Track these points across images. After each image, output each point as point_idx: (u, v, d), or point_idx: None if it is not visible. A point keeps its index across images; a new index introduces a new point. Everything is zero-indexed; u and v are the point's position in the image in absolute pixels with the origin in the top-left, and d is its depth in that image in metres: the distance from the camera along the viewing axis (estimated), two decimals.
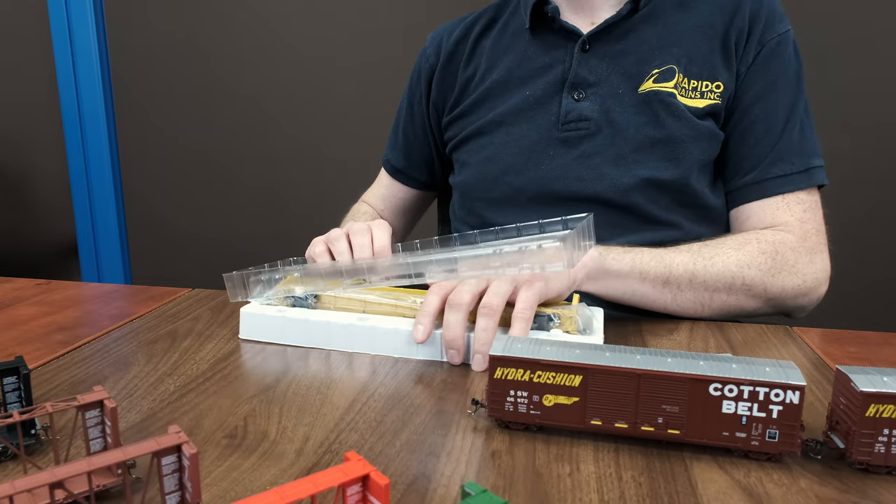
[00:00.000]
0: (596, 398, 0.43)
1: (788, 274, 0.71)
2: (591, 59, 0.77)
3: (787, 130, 0.75)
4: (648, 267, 0.66)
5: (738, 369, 0.41)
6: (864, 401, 0.39)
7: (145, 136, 1.94)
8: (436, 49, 0.88)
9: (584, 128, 0.76)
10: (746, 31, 0.75)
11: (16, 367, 0.41)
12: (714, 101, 0.74)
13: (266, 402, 0.49)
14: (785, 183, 0.74)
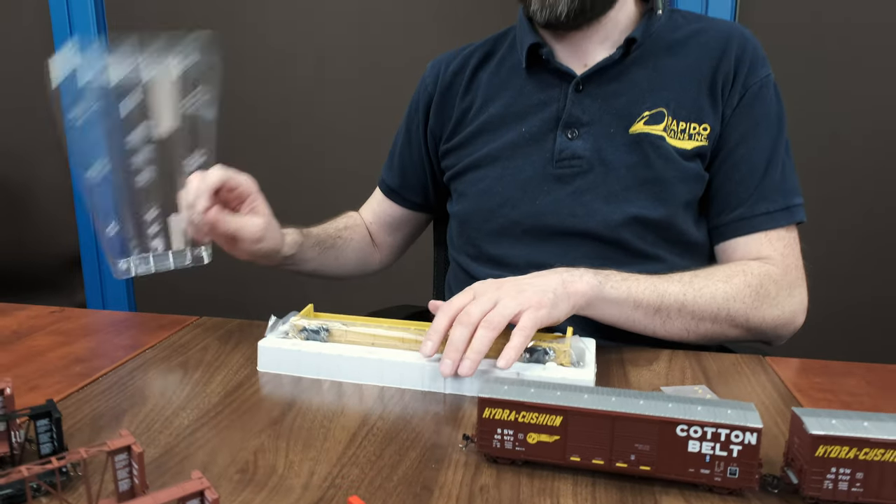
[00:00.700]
0: (575, 437, 0.47)
1: (770, 306, 0.75)
2: (584, 99, 0.81)
3: (769, 170, 0.80)
4: (642, 296, 0.71)
5: (702, 411, 0.46)
6: (813, 442, 0.43)
7: None
8: (434, 79, 0.92)
9: (577, 165, 0.80)
10: (732, 75, 0.79)
11: (48, 410, 0.45)
12: (701, 142, 0.79)
13: (274, 436, 0.53)
14: (768, 220, 0.79)
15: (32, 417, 0.45)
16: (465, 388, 0.60)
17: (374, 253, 1.03)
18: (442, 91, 0.91)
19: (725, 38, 0.80)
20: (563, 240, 0.80)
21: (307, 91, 1.83)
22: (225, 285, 2.00)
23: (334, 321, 0.68)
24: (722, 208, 0.81)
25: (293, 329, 0.67)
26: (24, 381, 0.63)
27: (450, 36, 1.67)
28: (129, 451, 0.41)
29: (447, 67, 0.91)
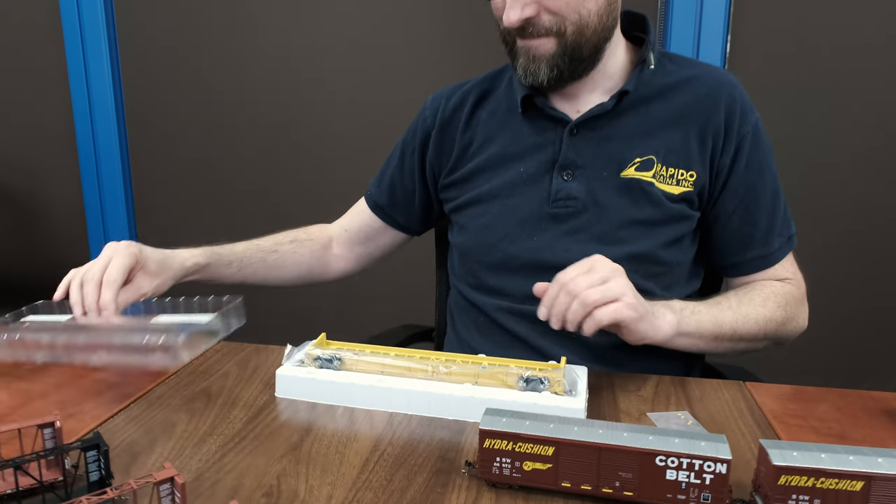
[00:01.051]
0: (565, 465, 0.53)
1: (793, 322, 0.88)
2: (578, 143, 0.86)
3: (776, 208, 0.88)
4: (706, 328, 0.79)
5: (679, 443, 0.51)
6: (776, 472, 0.48)
7: (158, 164, 2.03)
8: (434, 112, 0.97)
9: (572, 206, 0.86)
10: (724, 127, 0.84)
11: (96, 443, 0.51)
12: (687, 188, 0.85)
13: (294, 461, 0.59)
14: (780, 254, 0.89)
15: (83, 449, 0.50)
16: (467, 414, 0.66)
17: (329, 264, 1.07)
18: (442, 126, 0.96)
19: (715, 87, 0.86)
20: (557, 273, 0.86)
21: (309, 108, 1.88)
22: None
23: (346, 350, 0.74)
24: (740, 248, 0.89)
25: (308, 358, 0.73)
26: (61, 407, 0.69)
27: (451, 57, 1.73)
28: (172, 481, 0.47)
29: (447, 102, 0.96)
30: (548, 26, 0.79)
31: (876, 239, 1.66)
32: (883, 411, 0.69)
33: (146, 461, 0.59)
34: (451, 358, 0.72)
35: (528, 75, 0.83)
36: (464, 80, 0.99)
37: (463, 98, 0.96)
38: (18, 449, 0.55)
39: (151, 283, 0.84)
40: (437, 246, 1.16)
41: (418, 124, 1.00)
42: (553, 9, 0.78)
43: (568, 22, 0.79)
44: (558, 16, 0.79)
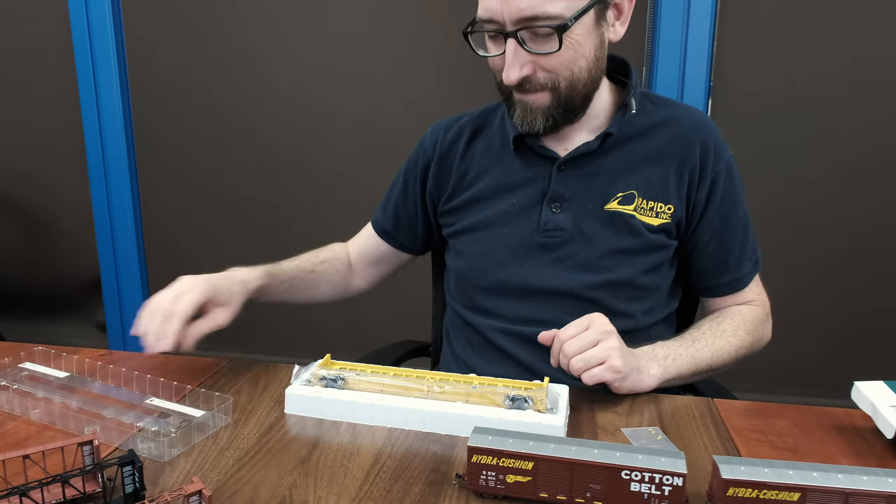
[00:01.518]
0: (543, 478, 0.60)
1: (759, 343, 0.98)
2: (566, 178, 0.94)
3: (746, 237, 0.97)
4: (685, 370, 0.88)
5: (642, 459, 0.58)
6: (725, 485, 0.56)
7: (165, 175, 2.10)
8: (433, 144, 1.05)
9: (560, 236, 0.93)
10: (699, 165, 0.92)
11: (132, 459, 0.58)
12: (666, 220, 0.92)
13: (304, 473, 0.66)
14: (749, 277, 0.98)
15: (121, 465, 0.57)
16: (458, 430, 0.73)
17: (352, 282, 1.15)
18: (440, 157, 1.03)
19: (691, 128, 0.94)
20: (546, 298, 0.93)
21: (316, 120, 1.96)
22: None
23: (349, 370, 0.81)
24: (714, 273, 0.97)
25: (314, 377, 0.80)
26: (91, 425, 0.76)
27: (449, 75, 1.80)
28: (200, 493, 0.54)
29: (445, 135, 1.04)
30: (542, 82, 0.86)
31: (849, 256, 1.74)
32: (834, 426, 0.76)
33: (171, 474, 0.66)
34: (444, 377, 0.79)
35: (525, 125, 0.90)
36: (460, 114, 1.06)
37: (460, 131, 1.03)
38: (61, 464, 0.62)
39: (225, 314, 0.90)
40: (434, 266, 1.23)
41: (419, 155, 1.07)
42: (548, 67, 0.85)
43: (561, 78, 0.86)
44: (552, 73, 0.86)
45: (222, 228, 2.10)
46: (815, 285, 1.76)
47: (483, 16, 0.85)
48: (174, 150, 2.07)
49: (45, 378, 0.86)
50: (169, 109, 2.04)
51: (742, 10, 1.64)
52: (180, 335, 0.82)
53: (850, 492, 0.54)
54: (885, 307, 1.74)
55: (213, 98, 2.00)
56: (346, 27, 1.86)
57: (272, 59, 1.93)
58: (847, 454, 0.70)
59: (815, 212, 1.72)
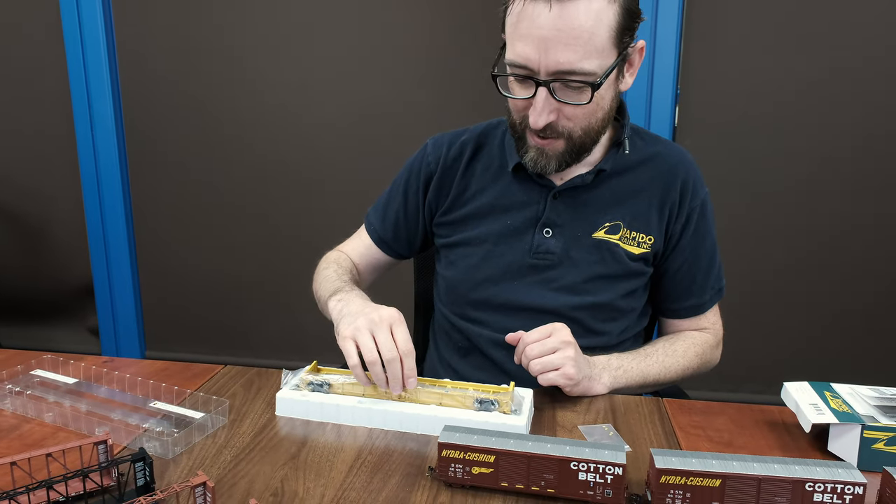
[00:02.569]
0: (504, 469, 0.69)
1: (706, 366, 1.07)
2: (559, 206, 1.02)
3: (711, 268, 1.06)
4: (634, 382, 0.97)
5: (588, 452, 0.67)
6: (658, 473, 0.65)
7: (158, 184, 2.16)
8: (436, 158, 1.09)
9: (549, 259, 1.02)
10: (678, 200, 1.02)
11: (143, 456, 0.66)
12: (645, 250, 1.02)
13: (294, 467, 0.75)
14: (709, 303, 1.08)
15: (133, 461, 0.66)
16: (430, 430, 0.81)
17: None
18: (443, 171, 1.08)
19: (674, 165, 1.03)
20: (531, 314, 1.01)
21: (306, 130, 2.03)
22: (225, 321, 2.20)
23: (334, 375, 0.90)
24: (678, 297, 1.07)
25: (302, 383, 0.88)
26: (94, 428, 0.84)
27: (438, 90, 1.88)
28: (205, 485, 0.62)
29: (448, 151, 1.09)
30: (560, 130, 0.93)
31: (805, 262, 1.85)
32: (766, 422, 0.86)
33: (175, 469, 0.74)
34: (420, 381, 0.88)
35: (538, 167, 0.97)
36: (460, 130, 1.12)
37: (462, 148, 1.09)
38: (79, 461, 0.70)
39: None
40: (416, 271, 1.32)
41: (421, 166, 1.11)
42: (571, 117, 0.91)
43: (579, 128, 0.93)
44: (572, 122, 0.92)
45: (213, 235, 2.17)
46: (781, 290, 1.86)
47: (516, 61, 0.88)
48: (166, 157, 2.13)
49: (54, 384, 0.94)
50: (161, 117, 2.10)
51: (705, 27, 1.75)
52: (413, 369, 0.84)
53: (762, 478, 0.63)
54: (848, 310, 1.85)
55: (204, 107, 2.06)
56: (334, 40, 1.94)
57: (263, 70, 2.00)
58: (774, 447, 0.80)
59: (772, 220, 1.82)
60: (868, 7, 1.67)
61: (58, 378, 0.95)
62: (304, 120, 2.01)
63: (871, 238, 1.79)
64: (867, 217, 1.79)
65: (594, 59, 0.86)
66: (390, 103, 1.93)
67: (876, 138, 1.74)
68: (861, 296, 1.83)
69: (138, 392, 0.91)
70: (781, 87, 1.74)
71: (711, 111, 1.78)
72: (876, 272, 1.81)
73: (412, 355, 0.82)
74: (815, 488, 0.63)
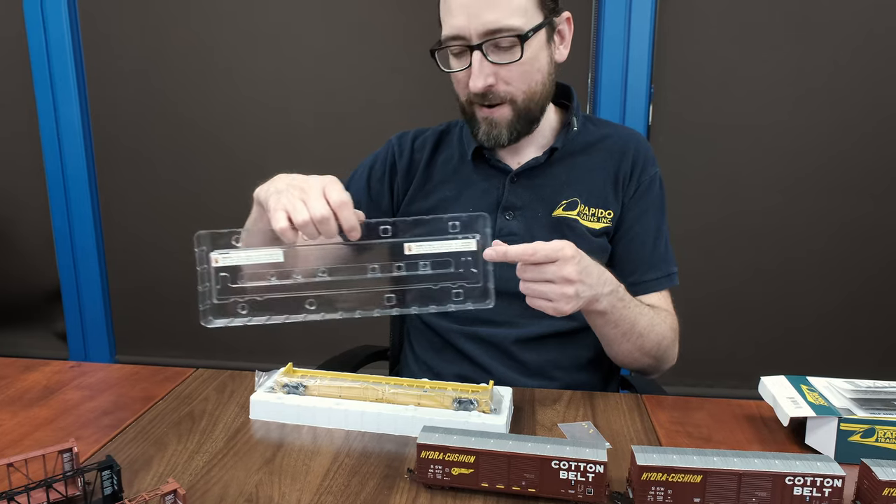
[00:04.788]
0: (484, 470, 0.68)
1: (673, 348, 1.03)
2: (517, 189, 1.04)
3: (655, 245, 1.05)
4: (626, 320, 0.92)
5: (569, 451, 0.67)
6: (639, 470, 0.64)
7: (126, 185, 2.12)
8: (401, 149, 1.12)
9: (513, 241, 1.00)
10: (629, 173, 1.04)
11: (110, 464, 0.64)
12: (606, 224, 1.03)
13: (269, 472, 0.73)
14: (657, 285, 1.05)
15: (100, 469, 0.63)
16: (409, 431, 0.80)
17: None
18: (408, 160, 1.11)
19: (625, 142, 1.06)
20: (501, 299, 1.00)
21: (276, 129, 2.00)
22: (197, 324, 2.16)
23: (309, 377, 0.88)
24: (620, 274, 1.03)
25: (277, 385, 0.86)
26: (67, 433, 0.81)
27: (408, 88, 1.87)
28: (175, 493, 0.60)
29: (412, 143, 1.12)
30: (503, 95, 0.96)
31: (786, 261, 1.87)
32: (745, 416, 0.86)
33: (145, 477, 0.71)
34: (398, 382, 0.86)
35: (491, 139, 0.99)
36: (423, 128, 1.15)
37: (424, 142, 1.12)
38: (42, 471, 0.67)
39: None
40: None
41: (386, 156, 1.13)
42: (508, 79, 0.95)
43: (519, 91, 0.96)
44: (512, 85, 0.95)
45: (186, 235, 2.11)
46: (756, 286, 1.88)
47: (449, 34, 0.94)
48: (135, 155, 2.09)
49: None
50: (129, 113, 2.05)
51: (679, 23, 1.76)
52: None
53: (743, 472, 0.63)
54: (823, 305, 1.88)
55: (175, 102, 2.02)
56: (308, 38, 1.91)
57: (236, 64, 1.96)
58: (753, 441, 0.80)
59: (747, 218, 1.84)
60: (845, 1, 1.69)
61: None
62: (279, 116, 1.98)
63: (846, 235, 1.82)
64: (843, 214, 1.81)
65: (519, 17, 0.91)
66: (368, 100, 1.91)
67: (854, 135, 1.77)
68: (835, 292, 1.86)
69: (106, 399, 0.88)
70: (757, 85, 1.76)
71: (686, 109, 1.80)
72: (850, 269, 1.84)
73: (348, 206, 0.77)
74: (795, 482, 0.63)
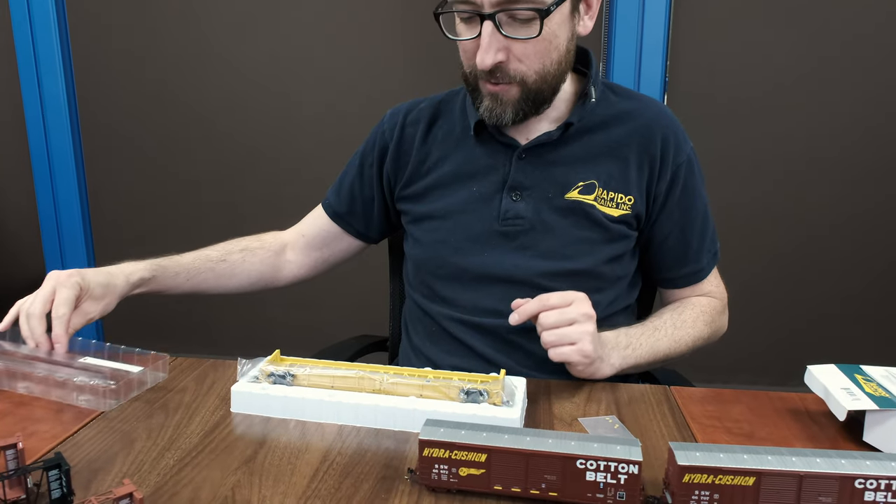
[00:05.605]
0: (497, 470, 0.58)
1: (716, 334, 0.99)
2: (526, 167, 0.92)
3: (706, 230, 0.97)
4: (643, 359, 0.89)
5: (597, 448, 0.57)
6: (681, 471, 0.55)
7: (114, 174, 2.03)
8: (391, 127, 1.01)
9: (520, 224, 0.92)
10: (660, 157, 0.92)
11: (58, 463, 0.54)
12: (626, 211, 0.92)
13: (248, 472, 0.63)
14: (708, 269, 0.98)
15: (45, 469, 0.54)
16: (410, 426, 0.70)
17: (281, 270, 1.09)
18: (399, 139, 1.00)
19: (652, 119, 0.93)
20: (506, 286, 0.91)
21: (268, 116, 1.91)
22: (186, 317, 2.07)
23: (298, 366, 0.78)
24: (673, 265, 0.98)
25: (262, 374, 0.77)
26: (21, 426, 0.72)
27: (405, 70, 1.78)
28: (131, 496, 0.51)
29: (405, 118, 1.01)
30: (513, 74, 0.85)
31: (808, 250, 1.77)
32: (788, 410, 0.76)
33: (106, 477, 0.62)
34: (398, 371, 0.77)
35: (494, 117, 0.88)
36: (420, 98, 1.03)
37: (419, 116, 1.00)
38: None
39: (97, 307, 0.89)
40: (391, 258, 1.21)
41: (377, 137, 1.03)
42: (521, 57, 0.83)
43: (532, 71, 0.85)
44: (524, 64, 0.84)
45: (176, 226, 2.04)
46: (770, 277, 1.79)
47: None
48: (124, 143, 2.00)
49: None
50: (118, 99, 1.97)
51: (695, 6, 1.66)
52: (62, 335, 0.82)
53: (804, 474, 0.54)
54: (836, 298, 1.78)
55: (166, 87, 1.94)
56: (302, 21, 1.82)
57: (229, 48, 1.88)
58: (801, 437, 0.70)
59: (770, 206, 1.75)
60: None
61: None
62: (272, 102, 1.89)
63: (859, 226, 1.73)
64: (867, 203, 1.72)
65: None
66: (364, 83, 1.82)
67: (879, 118, 1.67)
68: (857, 282, 1.77)
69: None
70: (773, 71, 1.66)
71: (700, 99, 1.70)
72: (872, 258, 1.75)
73: (61, 321, 0.81)
74: (867, 485, 0.53)
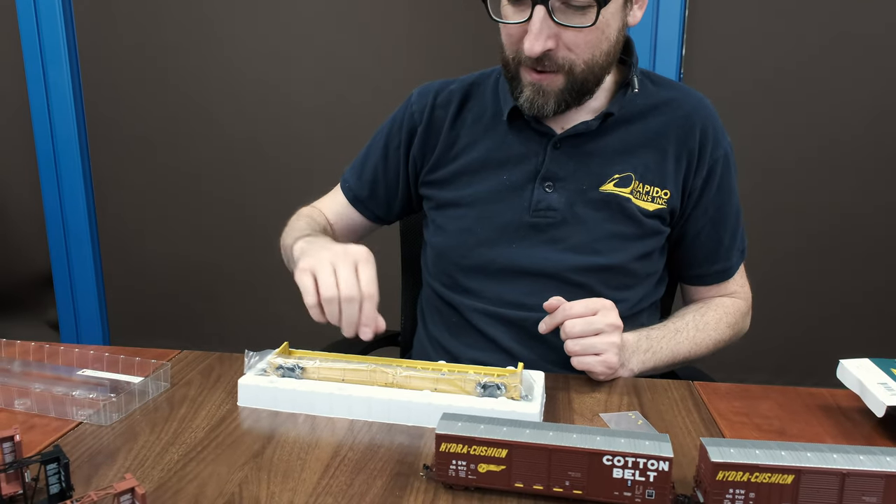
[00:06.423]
0: (518, 466, 0.55)
1: (737, 335, 0.97)
2: (560, 157, 0.89)
3: (737, 227, 0.94)
4: (663, 362, 0.86)
5: (625, 443, 0.54)
6: (714, 468, 0.51)
7: (120, 168, 2.01)
8: (421, 108, 0.96)
9: (552, 217, 0.88)
10: (697, 151, 0.89)
11: (56, 456, 0.51)
12: (661, 206, 0.89)
13: (256, 468, 0.60)
14: (736, 267, 0.96)
15: (43, 462, 0.51)
16: (426, 420, 0.68)
17: None
18: (428, 121, 0.95)
19: (691, 111, 0.90)
20: (533, 280, 0.88)
21: (274, 108, 1.88)
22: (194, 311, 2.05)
23: (308, 358, 0.75)
24: (703, 261, 0.95)
25: (270, 367, 0.74)
26: (22, 419, 0.69)
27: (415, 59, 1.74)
28: (133, 492, 0.48)
29: (435, 99, 0.96)
30: (560, 63, 0.81)
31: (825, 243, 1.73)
32: (819, 407, 0.73)
33: (108, 472, 0.59)
34: (411, 365, 0.74)
35: (534, 108, 0.84)
36: (448, 79, 0.99)
37: (450, 97, 0.96)
38: None
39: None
40: (403, 247, 1.18)
41: (404, 118, 0.98)
42: (571, 45, 0.80)
43: (580, 61, 0.81)
44: (573, 53, 0.80)
45: (181, 220, 2.01)
46: (793, 271, 1.75)
47: None
48: (129, 136, 1.98)
49: None
50: (124, 92, 1.94)
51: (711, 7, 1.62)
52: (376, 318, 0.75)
53: (847, 472, 0.50)
54: (860, 291, 1.74)
55: (171, 80, 1.91)
56: (308, 12, 1.79)
57: (234, 39, 1.85)
58: (835, 434, 0.67)
59: (793, 198, 1.71)
60: None
61: None
62: (277, 94, 1.86)
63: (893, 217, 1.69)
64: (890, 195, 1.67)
65: None
66: (375, 80, 1.79)
67: None
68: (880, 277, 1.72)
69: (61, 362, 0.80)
70: (791, 61, 1.62)
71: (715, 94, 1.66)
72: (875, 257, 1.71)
73: (373, 300, 0.73)
74: None
